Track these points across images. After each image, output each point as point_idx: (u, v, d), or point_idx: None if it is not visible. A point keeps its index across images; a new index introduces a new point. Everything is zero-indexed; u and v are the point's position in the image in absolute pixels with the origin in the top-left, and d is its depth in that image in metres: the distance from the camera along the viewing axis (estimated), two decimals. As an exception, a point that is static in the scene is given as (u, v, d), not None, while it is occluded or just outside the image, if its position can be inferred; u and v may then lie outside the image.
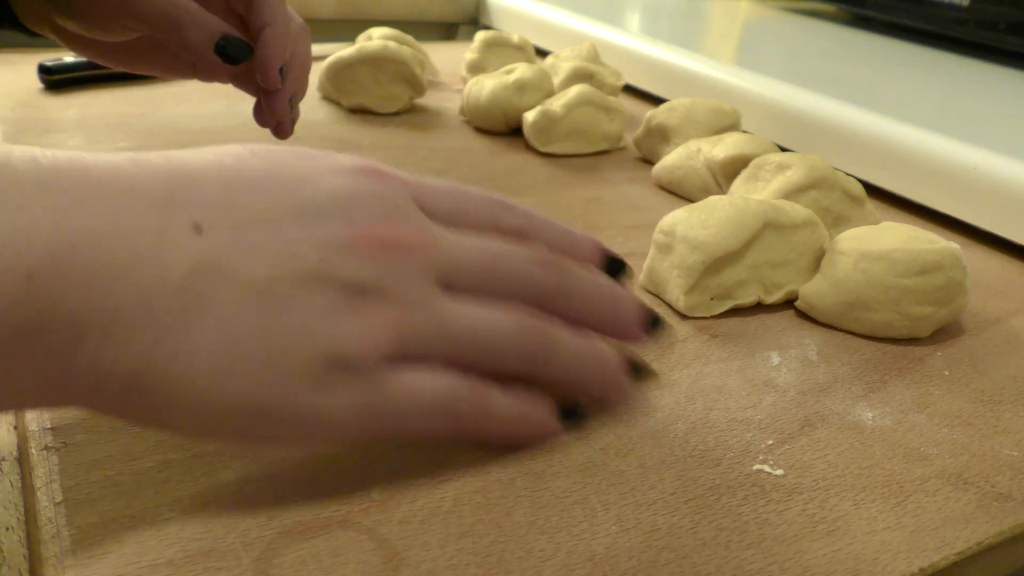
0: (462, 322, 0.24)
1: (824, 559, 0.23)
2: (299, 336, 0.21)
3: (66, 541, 0.21)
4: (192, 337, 0.20)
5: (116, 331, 0.19)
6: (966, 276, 0.35)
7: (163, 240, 0.20)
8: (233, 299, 0.21)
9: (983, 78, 0.72)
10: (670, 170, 0.51)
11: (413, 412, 0.23)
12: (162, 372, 0.20)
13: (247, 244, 0.21)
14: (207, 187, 0.21)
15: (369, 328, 0.22)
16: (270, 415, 0.21)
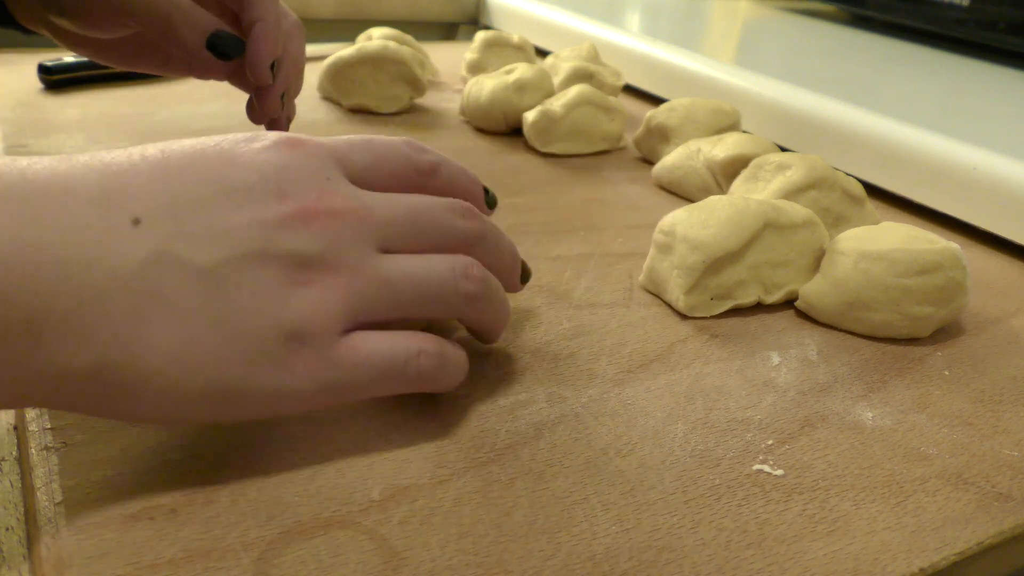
0: (405, 279, 0.25)
1: (824, 559, 0.23)
2: (252, 316, 0.22)
3: (66, 541, 0.21)
4: (148, 330, 0.21)
5: (71, 330, 0.20)
6: (966, 276, 0.35)
7: (105, 237, 0.20)
8: (183, 288, 0.21)
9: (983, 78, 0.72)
10: (670, 170, 0.51)
11: (372, 376, 0.24)
12: (122, 366, 0.20)
13: (188, 231, 0.22)
14: (138, 179, 0.22)
15: (319, 300, 0.23)
16: (234, 397, 0.22)
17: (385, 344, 0.24)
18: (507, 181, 0.50)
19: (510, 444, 0.27)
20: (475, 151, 0.56)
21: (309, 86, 0.50)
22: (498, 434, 0.27)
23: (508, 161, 0.54)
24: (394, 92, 0.61)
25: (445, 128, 0.60)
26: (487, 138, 0.59)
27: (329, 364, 0.23)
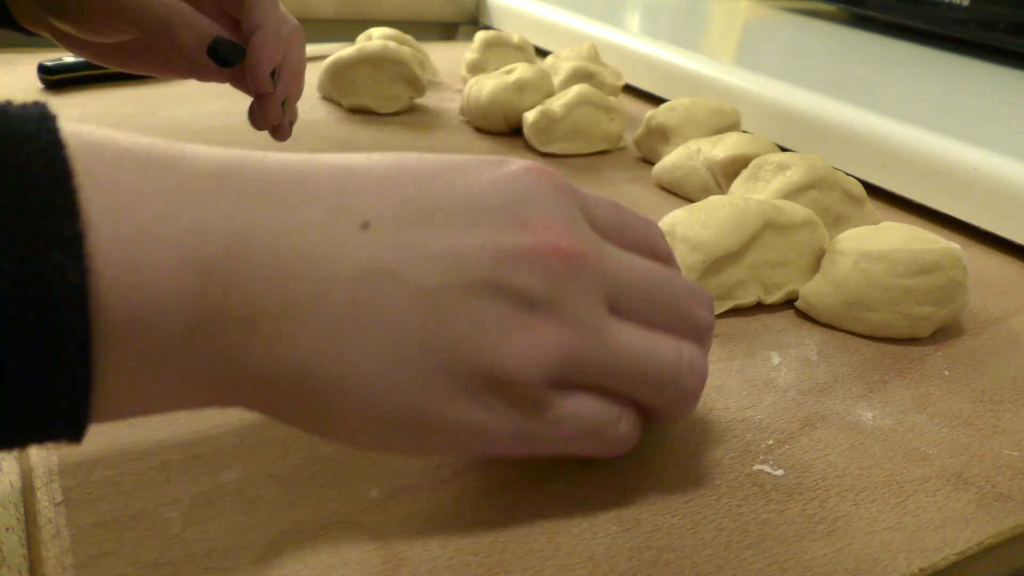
0: (628, 352, 0.23)
1: (824, 559, 0.23)
2: (467, 349, 0.21)
3: (66, 541, 0.21)
4: (360, 340, 0.20)
5: (287, 328, 0.19)
6: (966, 276, 0.35)
7: (332, 238, 0.19)
8: (402, 305, 0.20)
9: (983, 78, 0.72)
10: (670, 170, 0.51)
11: (566, 437, 0.23)
12: (329, 374, 0.20)
13: (417, 246, 0.20)
14: (372, 182, 0.21)
15: (536, 347, 0.21)
16: (430, 426, 0.21)
17: (589, 404, 0.23)
18: (507, 181, 0.50)
19: (510, 444, 0.27)
20: (475, 151, 0.56)
21: (309, 86, 0.50)
22: (498, 434, 0.27)
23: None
24: (394, 92, 0.61)
25: (445, 128, 0.60)
26: (487, 138, 0.59)
27: (529, 416, 0.22)
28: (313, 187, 0.20)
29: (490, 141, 0.58)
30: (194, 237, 0.18)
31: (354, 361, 0.20)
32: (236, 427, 0.26)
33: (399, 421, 0.21)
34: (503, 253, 0.21)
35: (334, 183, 0.20)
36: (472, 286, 0.21)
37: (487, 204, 0.21)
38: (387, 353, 0.20)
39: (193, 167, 0.18)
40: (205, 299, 0.18)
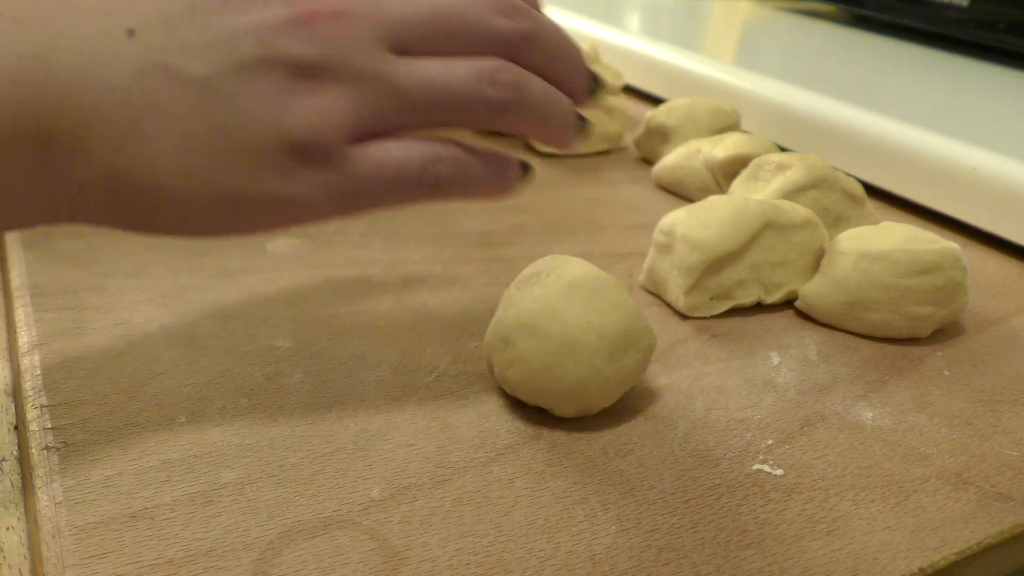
0: (418, 84, 0.23)
1: (824, 559, 0.23)
2: (252, 125, 0.21)
3: (66, 541, 0.21)
4: (150, 138, 0.21)
5: (79, 144, 0.20)
6: (966, 276, 0.35)
7: (101, 49, 0.20)
8: (179, 98, 0.21)
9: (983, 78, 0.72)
10: (670, 170, 0.51)
11: (385, 185, 0.23)
12: (130, 177, 0.21)
13: (182, 40, 0.21)
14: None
15: (324, 108, 0.22)
16: (241, 204, 0.22)
17: (398, 151, 0.23)
18: (507, 181, 0.50)
19: (510, 444, 0.27)
20: (475, 151, 0.56)
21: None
22: (498, 434, 0.27)
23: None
24: None
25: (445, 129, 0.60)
26: (487, 138, 0.58)
27: (338, 173, 0.22)
28: (82, 7, 0.21)
29: (490, 141, 0.58)
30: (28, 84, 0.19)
31: (150, 158, 0.21)
32: (236, 427, 0.26)
33: (212, 205, 0.22)
34: (268, 27, 0.21)
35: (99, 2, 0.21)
36: (244, 66, 0.21)
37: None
38: (176, 146, 0.21)
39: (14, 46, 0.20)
40: (16, 123, 0.20)
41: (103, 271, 0.34)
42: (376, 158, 0.23)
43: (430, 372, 0.30)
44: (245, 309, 0.33)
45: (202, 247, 0.37)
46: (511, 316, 0.28)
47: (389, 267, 0.38)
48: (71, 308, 0.32)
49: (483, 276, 0.38)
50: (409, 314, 0.34)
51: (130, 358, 0.29)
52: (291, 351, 0.30)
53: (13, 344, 0.30)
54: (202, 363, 0.29)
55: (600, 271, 0.29)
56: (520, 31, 0.25)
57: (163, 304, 0.33)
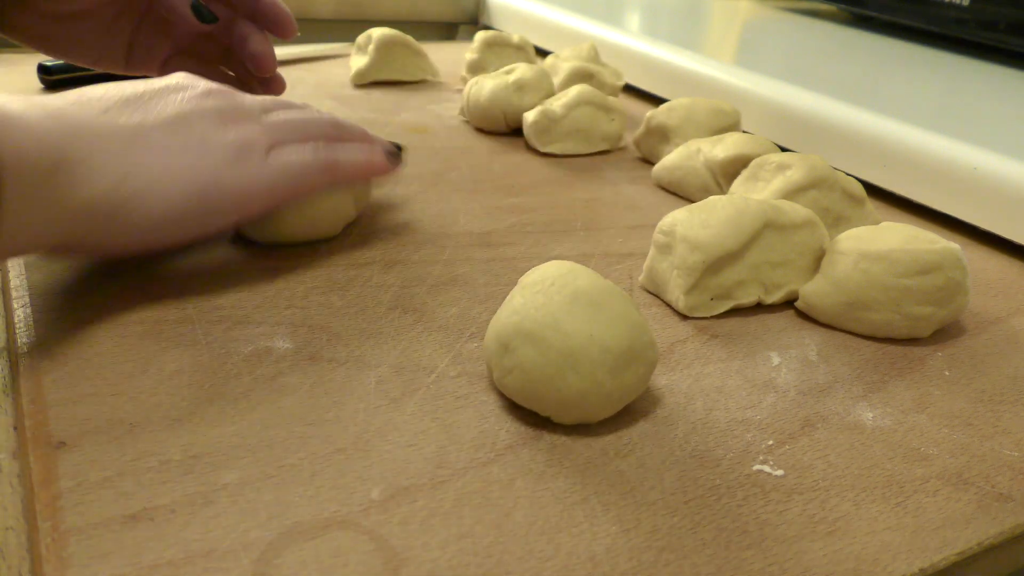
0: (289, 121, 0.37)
1: (824, 559, 0.23)
2: (208, 140, 0.33)
3: (66, 541, 0.21)
4: (138, 160, 0.30)
5: (86, 168, 0.29)
6: (966, 276, 0.35)
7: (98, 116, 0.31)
8: (155, 132, 0.32)
9: (983, 78, 0.72)
10: (670, 170, 0.51)
11: (294, 173, 0.35)
12: (123, 187, 0.30)
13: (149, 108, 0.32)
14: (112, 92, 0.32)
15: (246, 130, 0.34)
16: (213, 189, 0.32)
17: (294, 150, 0.36)
18: (507, 181, 0.50)
19: (510, 444, 0.27)
20: (475, 151, 0.56)
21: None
22: (498, 434, 0.27)
23: (508, 161, 0.54)
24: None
25: (445, 128, 0.60)
26: (487, 138, 0.58)
27: (267, 168, 0.34)
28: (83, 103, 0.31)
29: (490, 141, 0.58)
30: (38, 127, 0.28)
31: (138, 172, 0.30)
32: (236, 427, 0.26)
33: (185, 201, 0.31)
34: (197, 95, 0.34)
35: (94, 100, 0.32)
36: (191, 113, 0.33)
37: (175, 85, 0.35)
38: (159, 160, 0.31)
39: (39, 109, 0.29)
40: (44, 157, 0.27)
41: (103, 271, 0.34)
42: (283, 156, 0.35)
43: (430, 372, 0.30)
44: (245, 309, 0.33)
45: (202, 247, 0.37)
46: (513, 323, 0.28)
47: (389, 267, 0.38)
48: (71, 308, 0.32)
49: (483, 276, 0.38)
50: (409, 314, 0.34)
51: (130, 358, 0.29)
52: (291, 352, 0.30)
53: (13, 344, 0.30)
54: (202, 363, 0.29)
55: (605, 281, 0.29)
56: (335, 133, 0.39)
57: (163, 304, 0.33)
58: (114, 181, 0.29)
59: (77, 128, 0.29)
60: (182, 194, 0.31)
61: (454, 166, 0.52)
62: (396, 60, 0.69)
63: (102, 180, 0.29)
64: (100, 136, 0.30)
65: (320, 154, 0.36)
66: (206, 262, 0.36)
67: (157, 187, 0.30)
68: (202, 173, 0.32)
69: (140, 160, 0.30)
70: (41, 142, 0.27)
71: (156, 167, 0.31)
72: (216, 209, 0.33)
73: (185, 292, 0.34)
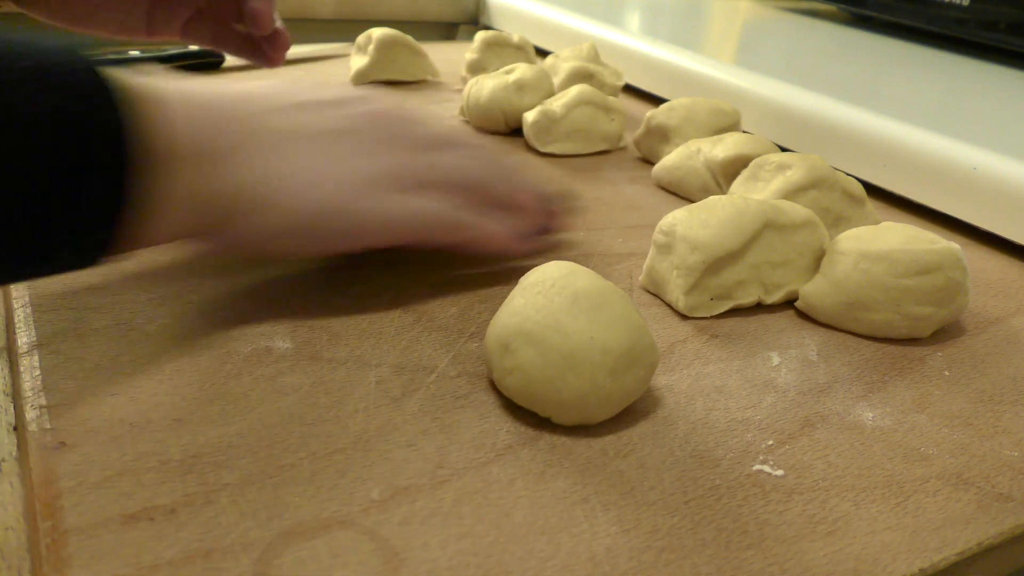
0: (441, 166, 0.35)
1: (824, 559, 0.23)
2: (354, 163, 0.33)
3: (66, 541, 0.21)
4: (286, 161, 0.31)
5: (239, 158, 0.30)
6: (966, 276, 0.35)
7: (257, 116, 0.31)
8: (306, 141, 0.32)
9: (983, 78, 0.72)
10: (670, 170, 0.51)
11: (420, 222, 0.34)
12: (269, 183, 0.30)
13: (302, 118, 0.33)
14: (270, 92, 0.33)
15: (388, 163, 0.34)
16: (335, 212, 0.32)
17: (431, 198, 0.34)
18: (507, 181, 0.50)
19: (510, 444, 0.27)
20: (475, 151, 0.55)
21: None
22: (498, 434, 0.27)
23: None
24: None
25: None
26: (487, 138, 0.58)
27: (397, 207, 0.33)
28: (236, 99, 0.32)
29: (490, 141, 0.58)
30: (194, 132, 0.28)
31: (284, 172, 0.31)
32: (236, 427, 0.26)
33: (318, 213, 0.31)
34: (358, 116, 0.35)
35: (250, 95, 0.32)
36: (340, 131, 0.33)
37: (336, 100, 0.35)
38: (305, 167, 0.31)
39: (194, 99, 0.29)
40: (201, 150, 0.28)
41: (103, 271, 0.34)
42: (417, 203, 0.34)
43: (430, 372, 0.30)
44: (245, 309, 0.33)
45: (202, 247, 0.37)
46: (513, 324, 0.28)
47: (389, 267, 0.38)
48: (71, 308, 0.32)
49: (483, 276, 0.38)
50: (409, 314, 0.34)
51: (130, 358, 0.29)
52: (291, 351, 0.30)
53: (12, 344, 0.30)
54: (202, 363, 0.29)
55: (606, 282, 0.29)
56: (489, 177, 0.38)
57: (163, 304, 0.33)
58: (253, 180, 0.30)
59: (234, 122, 0.30)
60: (312, 209, 0.31)
61: (454, 166, 0.52)
62: (396, 60, 0.69)
63: (243, 177, 0.29)
64: (254, 132, 0.31)
65: (452, 210, 0.34)
66: (206, 262, 0.36)
67: (291, 196, 0.31)
68: (336, 194, 0.31)
69: (282, 166, 0.31)
70: (196, 131, 0.28)
71: (296, 177, 0.31)
72: (339, 232, 0.32)
73: (185, 292, 0.34)
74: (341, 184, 0.32)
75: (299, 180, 0.31)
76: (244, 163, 0.30)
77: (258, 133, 0.31)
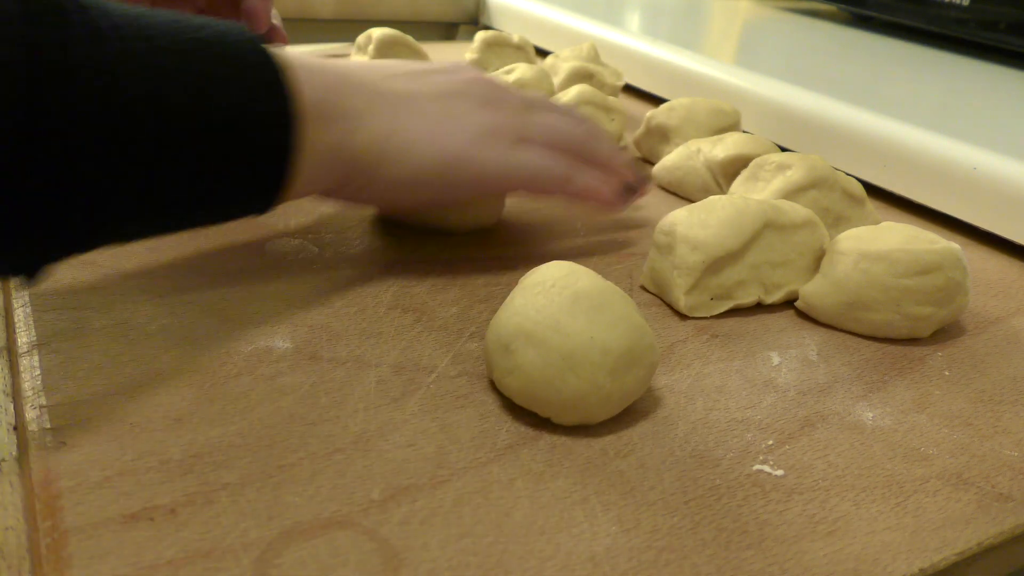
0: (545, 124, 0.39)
1: (824, 559, 0.23)
2: (465, 118, 0.36)
3: (66, 541, 0.21)
4: (407, 120, 0.35)
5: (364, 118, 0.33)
6: (966, 276, 0.35)
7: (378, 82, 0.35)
8: (423, 101, 0.36)
9: (983, 78, 0.72)
10: (670, 170, 0.51)
11: (531, 172, 0.37)
12: (393, 137, 0.34)
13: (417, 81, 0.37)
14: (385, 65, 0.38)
15: (500, 117, 0.37)
16: (458, 161, 0.35)
17: (538, 152, 0.37)
18: (507, 181, 0.50)
19: (510, 444, 0.27)
20: (475, 151, 0.55)
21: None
22: (498, 434, 0.27)
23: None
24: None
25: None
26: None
27: (510, 158, 0.36)
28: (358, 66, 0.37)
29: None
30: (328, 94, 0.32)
31: (405, 130, 0.34)
32: (236, 427, 0.26)
33: (440, 159, 0.35)
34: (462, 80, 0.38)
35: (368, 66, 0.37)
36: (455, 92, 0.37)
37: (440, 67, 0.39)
38: (424, 125, 0.35)
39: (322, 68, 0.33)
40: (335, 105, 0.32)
41: (103, 271, 0.34)
42: (529, 153, 0.37)
43: (430, 372, 0.30)
44: (245, 309, 0.33)
45: (202, 247, 0.37)
46: (514, 324, 0.28)
47: (389, 267, 0.38)
48: (71, 308, 0.32)
49: (483, 276, 0.38)
50: (409, 314, 0.34)
51: (130, 358, 0.29)
52: (291, 351, 0.30)
53: (13, 344, 0.30)
54: (202, 363, 0.29)
55: (606, 283, 0.29)
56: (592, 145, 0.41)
57: (163, 304, 0.33)
58: (382, 135, 0.33)
59: (359, 86, 0.34)
60: (432, 159, 0.34)
61: (454, 166, 0.52)
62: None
63: (373, 132, 0.33)
64: (377, 94, 0.34)
65: (560, 165, 0.38)
66: (206, 262, 0.36)
67: (415, 148, 0.34)
68: (453, 144, 0.35)
69: (405, 122, 0.34)
70: (329, 94, 0.32)
71: (418, 130, 0.34)
72: (456, 181, 0.35)
73: (186, 292, 0.34)
74: (459, 137, 0.35)
75: (421, 134, 0.34)
76: (371, 123, 0.33)
77: (381, 95, 0.34)
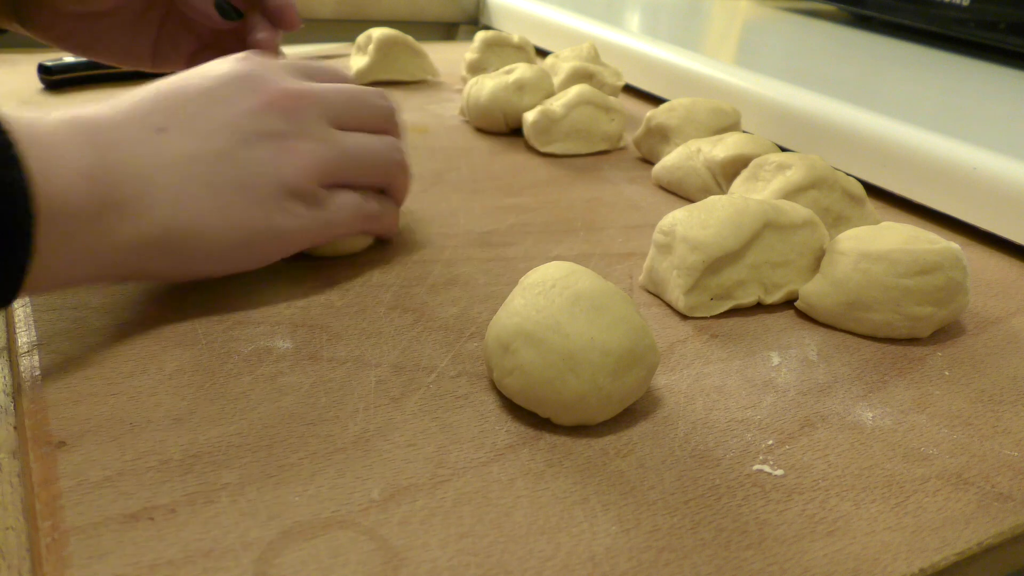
0: (355, 149, 0.35)
1: (824, 559, 0.23)
2: (261, 181, 0.32)
3: (66, 541, 0.21)
4: (194, 201, 0.30)
5: (143, 204, 0.29)
6: (966, 276, 0.35)
7: (147, 142, 0.29)
8: (208, 167, 0.31)
9: (983, 78, 0.72)
10: (670, 170, 0.51)
11: (342, 220, 0.35)
12: (181, 226, 0.30)
13: (199, 129, 0.31)
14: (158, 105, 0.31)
15: (302, 159, 0.33)
16: (260, 239, 0.32)
17: (349, 195, 0.35)
18: (507, 181, 0.50)
19: (510, 444, 0.27)
20: (475, 151, 0.56)
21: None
22: (498, 434, 0.27)
23: (508, 161, 0.54)
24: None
25: (445, 128, 0.60)
26: (487, 138, 0.58)
27: (317, 210, 0.34)
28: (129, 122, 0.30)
29: (490, 141, 0.58)
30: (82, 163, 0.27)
31: (194, 215, 0.30)
32: (236, 427, 0.26)
33: (238, 243, 0.31)
34: (252, 111, 0.32)
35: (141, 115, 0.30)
36: (245, 138, 0.32)
37: (229, 87, 0.32)
38: (212, 199, 0.30)
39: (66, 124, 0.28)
40: (92, 196, 0.27)
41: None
42: (338, 202, 0.35)
43: (430, 372, 0.30)
44: (245, 309, 0.33)
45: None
46: (514, 324, 0.28)
47: (389, 267, 0.38)
48: (71, 308, 0.32)
49: (483, 276, 0.38)
50: (409, 314, 0.34)
51: (130, 358, 0.29)
52: (291, 351, 0.30)
53: (13, 344, 0.30)
54: (202, 363, 0.29)
55: (607, 283, 0.29)
56: (392, 108, 0.39)
57: (163, 304, 0.33)
58: (164, 219, 0.29)
59: (122, 158, 0.28)
60: (231, 236, 0.31)
61: (454, 166, 0.52)
62: (396, 60, 0.69)
63: (152, 218, 0.29)
64: (149, 168, 0.29)
65: (365, 208, 0.36)
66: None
67: (207, 225, 0.30)
68: (250, 219, 0.31)
69: (189, 199, 0.30)
70: (85, 179, 0.27)
71: (206, 205, 0.30)
72: (262, 251, 0.33)
73: (185, 292, 0.34)
74: (255, 211, 0.31)
75: (211, 208, 0.30)
76: (152, 204, 0.29)
77: (157, 165, 0.29)
